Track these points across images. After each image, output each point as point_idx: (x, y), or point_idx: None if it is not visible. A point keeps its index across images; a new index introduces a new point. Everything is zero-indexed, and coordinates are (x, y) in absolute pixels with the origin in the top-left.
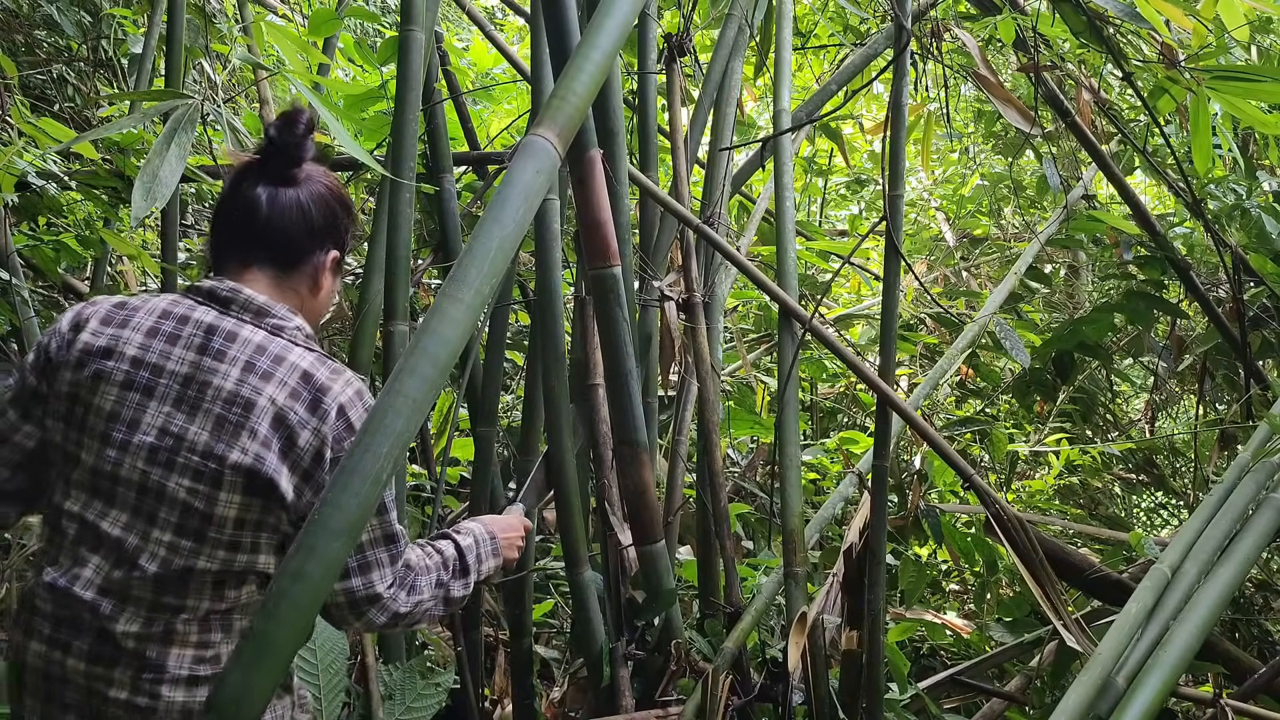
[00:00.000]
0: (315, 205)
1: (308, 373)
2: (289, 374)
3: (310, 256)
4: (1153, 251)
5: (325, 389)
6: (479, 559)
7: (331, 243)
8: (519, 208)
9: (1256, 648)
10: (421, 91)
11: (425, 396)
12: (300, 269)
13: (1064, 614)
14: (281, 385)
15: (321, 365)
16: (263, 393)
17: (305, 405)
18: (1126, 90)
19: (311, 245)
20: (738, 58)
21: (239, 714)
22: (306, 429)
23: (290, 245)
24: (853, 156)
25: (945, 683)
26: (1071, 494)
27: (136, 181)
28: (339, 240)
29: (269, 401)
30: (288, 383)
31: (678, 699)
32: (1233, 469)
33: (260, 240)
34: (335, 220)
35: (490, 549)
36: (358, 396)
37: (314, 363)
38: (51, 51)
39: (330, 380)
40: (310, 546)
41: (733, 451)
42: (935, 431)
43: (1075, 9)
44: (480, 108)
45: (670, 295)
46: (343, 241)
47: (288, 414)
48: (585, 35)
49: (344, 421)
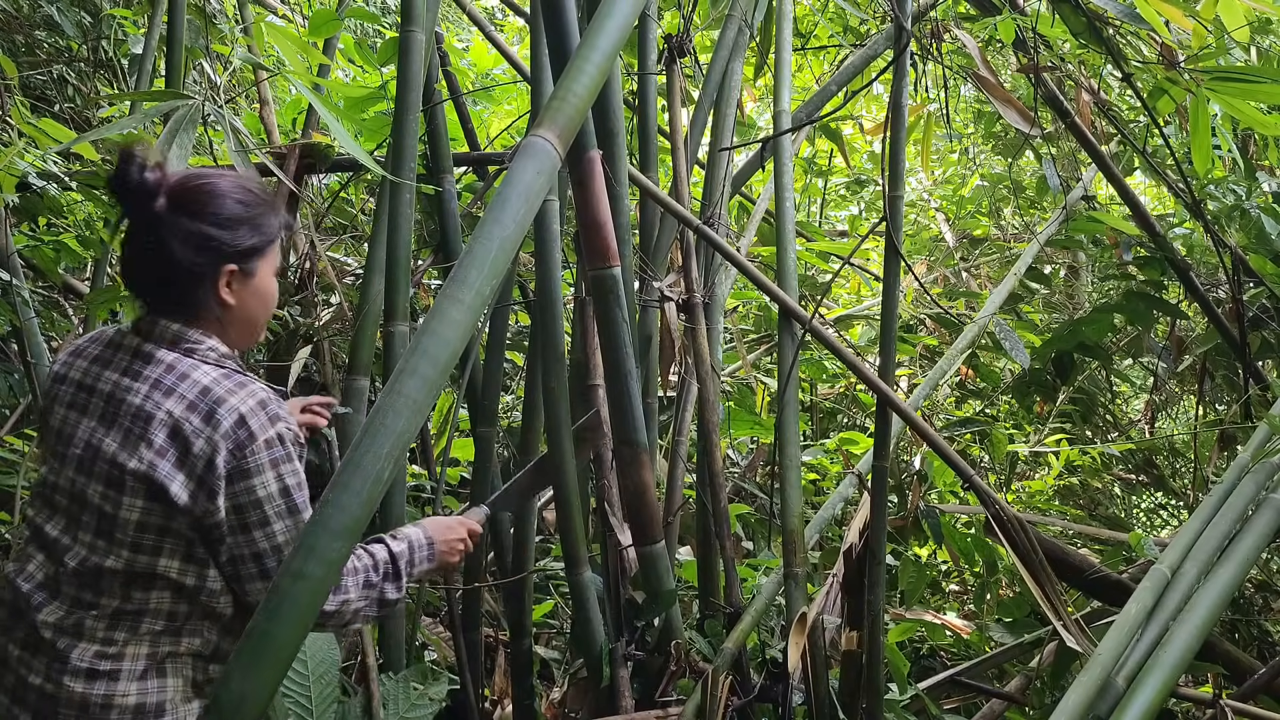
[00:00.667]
0: (179, 243)
1: (207, 387)
2: (189, 389)
3: (195, 289)
4: (1152, 252)
5: (221, 400)
6: (410, 564)
7: (219, 266)
8: (519, 209)
9: (1256, 648)
10: (422, 92)
11: (425, 397)
12: (188, 302)
13: (1064, 614)
14: (181, 399)
15: (225, 380)
16: (162, 406)
17: (200, 416)
18: (1126, 91)
19: (193, 283)
20: (738, 58)
21: (241, 714)
22: (200, 438)
23: (166, 292)
24: (853, 157)
25: (945, 683)
26: (1071, 494)
27: None
28: (225, 259)
29: (166, 414)
30: (187, 396)
31: (677, 699)
32: (1232, 469)
33: (143, 293)
34: (214, 247)
35: (425, 554)
36: (259, 406)
37: (216, 378)
38: (52, 52)
39: (228, 393)
40: (311, 546)
41: (733, 452)
42: (935, 432)
43: (1075, 9)
44: (480, 108)
45: (670, 296)
46: (232, 256)
47: (183, 424)
48: (585, 36)
49: (244, 430)
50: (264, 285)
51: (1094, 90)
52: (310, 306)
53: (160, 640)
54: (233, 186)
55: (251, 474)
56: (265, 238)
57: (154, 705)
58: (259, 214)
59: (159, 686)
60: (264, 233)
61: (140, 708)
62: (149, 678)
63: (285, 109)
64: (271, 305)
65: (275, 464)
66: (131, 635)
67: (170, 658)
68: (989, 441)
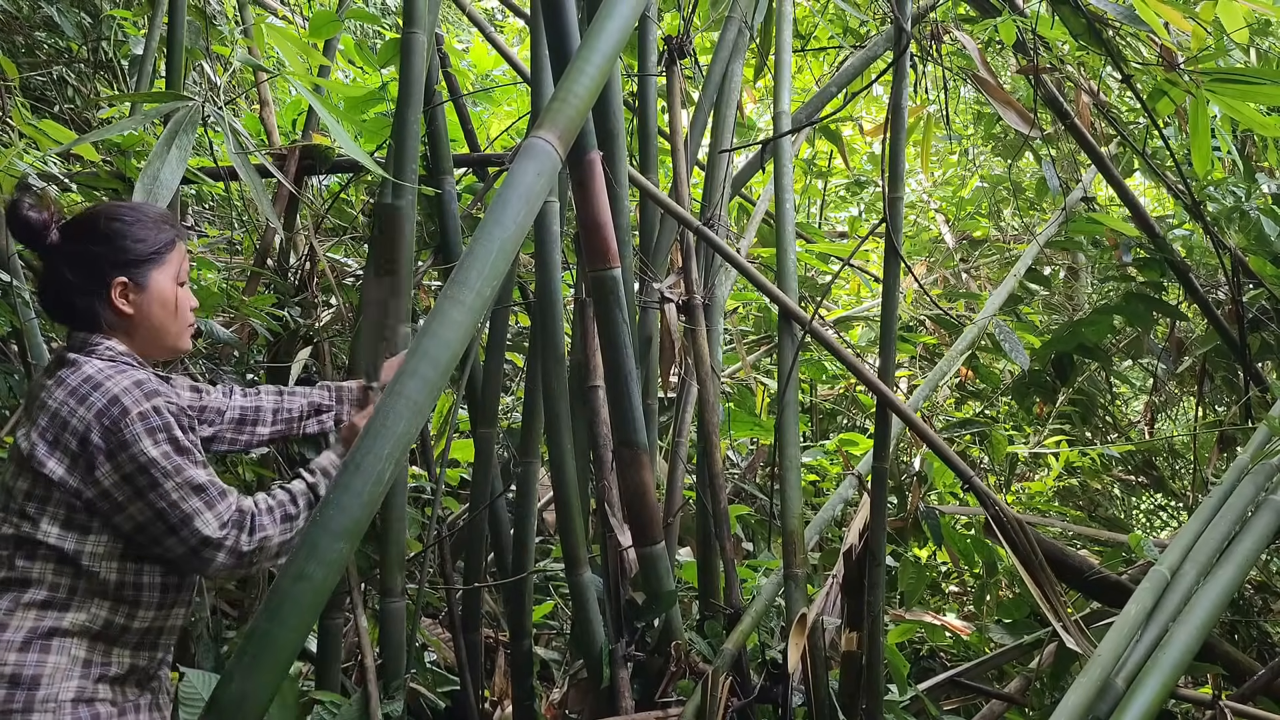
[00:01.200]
0: (69, 268)
1: (89, 375)
2: (75, 378)
3: (90, 303)
4: (1152, 253)
5: (98, 385)
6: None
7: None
8: (520, 210)
9: (1256, 649)
10: (423, 93)
11: (426, 398)
12: (89, 316)
13: (1063, 615)
14: (67, 388)
15: (108, 367)
16: (54, 395)
17: (76, 399)
18: (1126, 92)
19: (86, 299)
20: (738, 60)
21: (241, 714)
22: (74, 417)
23: (65, 312)
24: (852, 158)
25: (945, 684)
26: (1071, 495)
27: (137, 183)
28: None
29: (54, 401)
30: (70, 384)
31: (677, 700)
32: (1232, 471)
33: (53, 314)
34: (95, 264)
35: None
36: (134, 385)
37: (101, 368)
38: (52, 53)
39: (106, 379)
40: (312, 547)
41: (733, 453)
42: (935, 433)
43: (1075, 11)
44: (480, 109)
45: (670, 297)
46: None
47: (61, 408)
48: (586, 38)
49: (118, 407)
50: (161, 292)
51: (1093, 92)
52: (310, 308)
53: (45, 614)
54: (114, 208)
55: (129, 444)
56: (150, 248)
57: (29, 678)
58: (141, 229)
59: (38, 660)
60: (149, 244)
61: (15, 678)
62: (29, 650)
63: (285, 110)
64: (179, 311)
65: (151, 432)
66: (15, 605)
67: (55, 633)
68: (989, 443)
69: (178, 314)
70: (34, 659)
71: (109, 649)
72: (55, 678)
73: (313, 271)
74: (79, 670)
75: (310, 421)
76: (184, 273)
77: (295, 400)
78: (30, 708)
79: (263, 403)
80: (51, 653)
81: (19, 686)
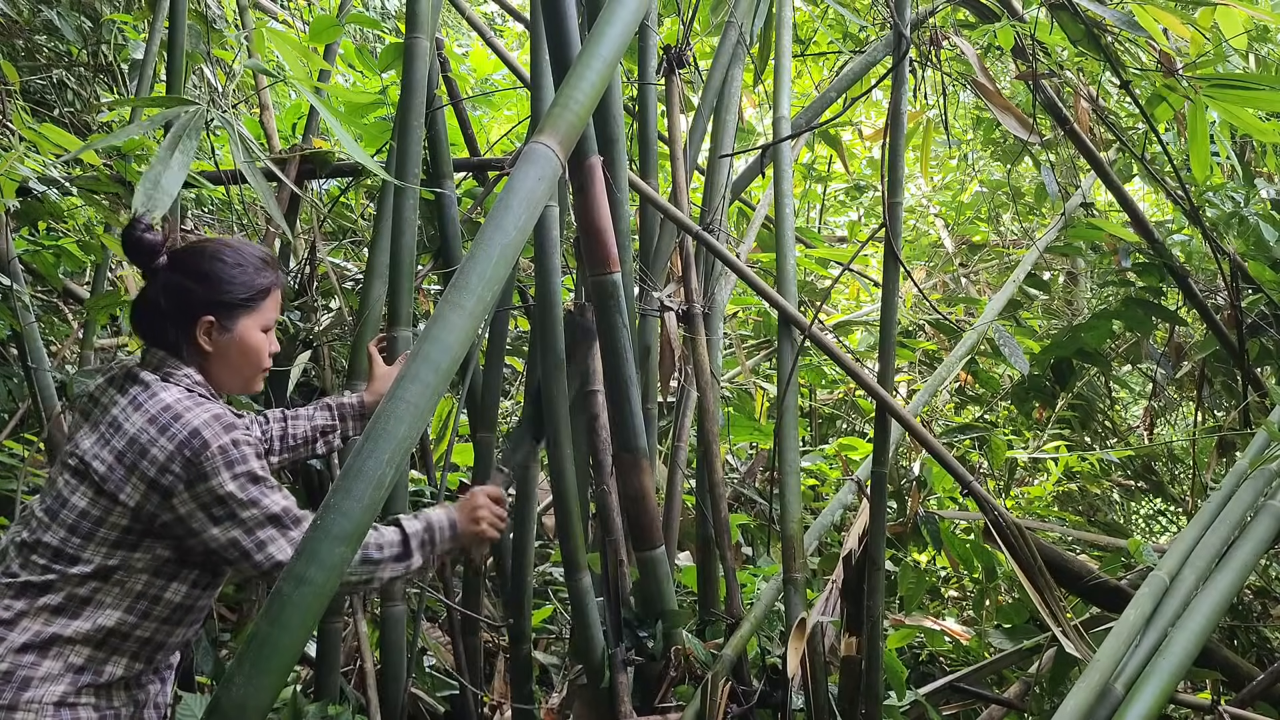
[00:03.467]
0: (165, 295)
1: (168, 404)
2: (154, 405)
3: (174, 333)
4: (1151, 259)
5: (179, 416)
6: (428, 543)
7: (194, 315)
8: (520, 215)
9: (1255, 654)
10: (426, 99)
11: (427, 402)
12: (169, 341)
13: (1063, 620)
14: (145, 413)
15: (185, 398)
16: (130, 418)
17: (157, 427)
18: (1124, 98)
19: (172, 326)
20: (737, 65)
21: (243, 718)
22: (155, 446)
23: (151, 333)
24: (852, 163)
25: (944, 689)
26: (1070, 500)
27: (138, 188)
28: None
29: (131, 425)
30: (150, 411)
31: (677, 705)
32: (1231, 476)
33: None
34: (189, 298)
35: (447, 532)
36: (214, 419)
37: (179, 397)
38: (52, 57)
39: (185, 410)
40: (313, 552)
41: (732, 457)
42: (934, 438)
43: (1074, 17)
44: (480, 113)
45: (670, 306)
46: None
47: (141, 435)
48: (586, 43)
49: (198, 440)
50: (246, 338)
51: (1092, 97)
52: (310, 311)
53: (54, 619)
54: (220, 247)
55: (209, 476)
56: (244, 295)
57: (20, 678)
58: (240, 274)
59: (33, 663)
60: (243, 290)
61: (7, 675)
62: (27, 652)
63: (285, 114)
64: (256, 358)
65: (230, 465)
66: (29, 608)
67: (56, 640)
68: (988, 448)
69: (255, 360)
70: (29, 660)
71: (105, 657)
72: (45, 681)
73: (313, 275)
74: (69, 676)
75: (318, 444)
76: (272, 319)
77: (300, 425)
78: (15, 705)
79: (272, 430)
80: (48, 658)
81: (9, 684)
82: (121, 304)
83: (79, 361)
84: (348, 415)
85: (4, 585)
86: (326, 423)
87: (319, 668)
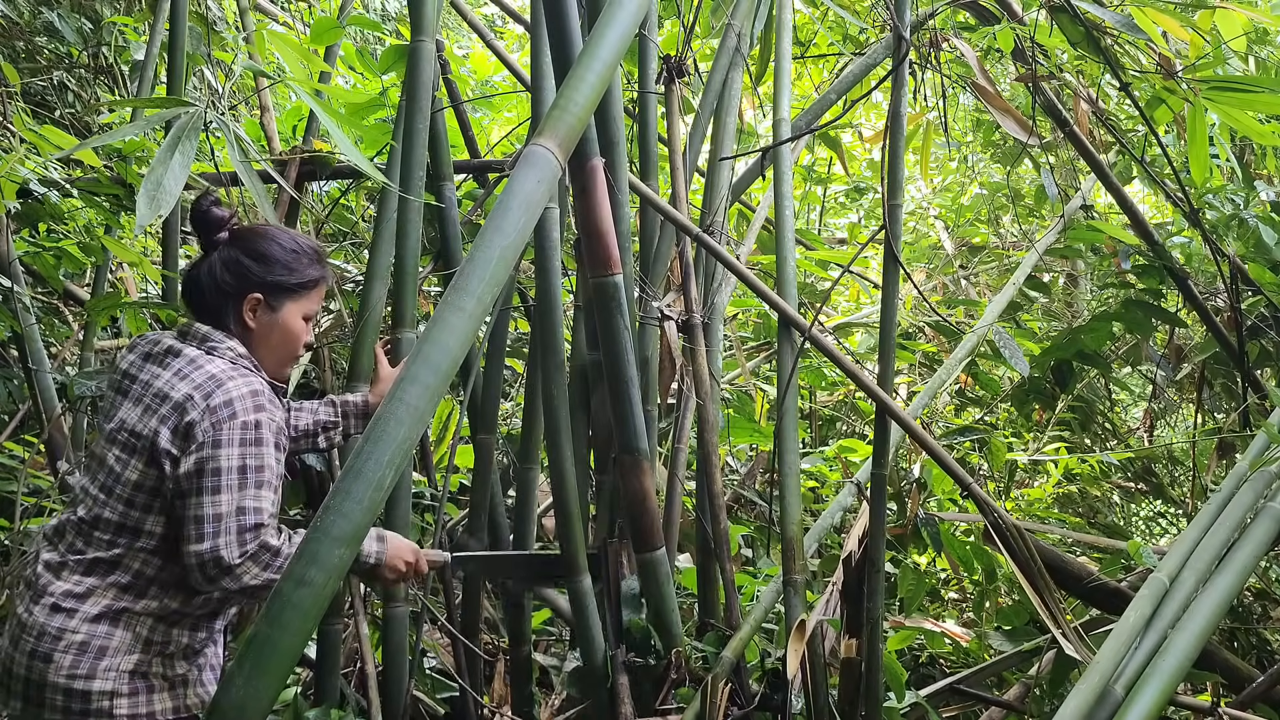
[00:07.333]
0: (223, 267)
1: (214, 374)
2: (200, 375)
3: (224, 305)
4: (1151, 261)
5: (221, 384)
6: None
7: (244, 291)
8: (520, 217)
9: (1255, 656)
10: (430, 102)
11: (427, 404)
12: (220, 315)
13: (1062, 622)
14: (191, 382)
15: (230, 369)
16: (177, 388)
17: (201, 394)
18: (1124, 100)
19: (221, 299)
20: (737, 67)
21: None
22: (195, 410)
23: (204, 303)
24: (852, 165)
25: (944, 691)
26: (1070, 502)
27: (141, 190)
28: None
29: (178, 394)
30: (196, 380)
31: (677, 707)
32: (1231, 478)
33: (187, 298)
34: (244, 274)
35: (375, 560)
36: (251, 394)
37: (224, 367)
38: (52, 58)
39: (228, 379)
40: (313, 554)
41: (732, 459)
42: (934, 440)
43: (1073, 20)
44: (480, 115)
45: (670, 315)
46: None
47: (186, 402)
48: (587, 46)
49: (229, 409)
50: (287, 321)
51: (1092, 99)
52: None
53: (123, 595)
54: (280, 234)
55: (221, 444)
56: (295, 281)
57: (97, 648)
58: (294, 260)
59: (106, 633)
60: (295, 276)
61: (84, 645)
62: (100, 623)
63: (286, 116)
64: (294, 343)
65: (244, 443)
66: (100, 583)
67: (126, 613)
68: (988, 449)
69: (292, 345)
70: (103, 630)
71: (168, 630)
72: (119, 651)
73: None
74: (140, 646)
75: (319, 438)
76: (314, 310)
77: (303, 418)
78: (93, 674)
79: None
80: (120, 627)
81: (85, 654)
82: (122, 306)
83: (79, 363)
84: (350, 413)
85: (74, 562)
86: (329, 418)
87: (319, 669)
